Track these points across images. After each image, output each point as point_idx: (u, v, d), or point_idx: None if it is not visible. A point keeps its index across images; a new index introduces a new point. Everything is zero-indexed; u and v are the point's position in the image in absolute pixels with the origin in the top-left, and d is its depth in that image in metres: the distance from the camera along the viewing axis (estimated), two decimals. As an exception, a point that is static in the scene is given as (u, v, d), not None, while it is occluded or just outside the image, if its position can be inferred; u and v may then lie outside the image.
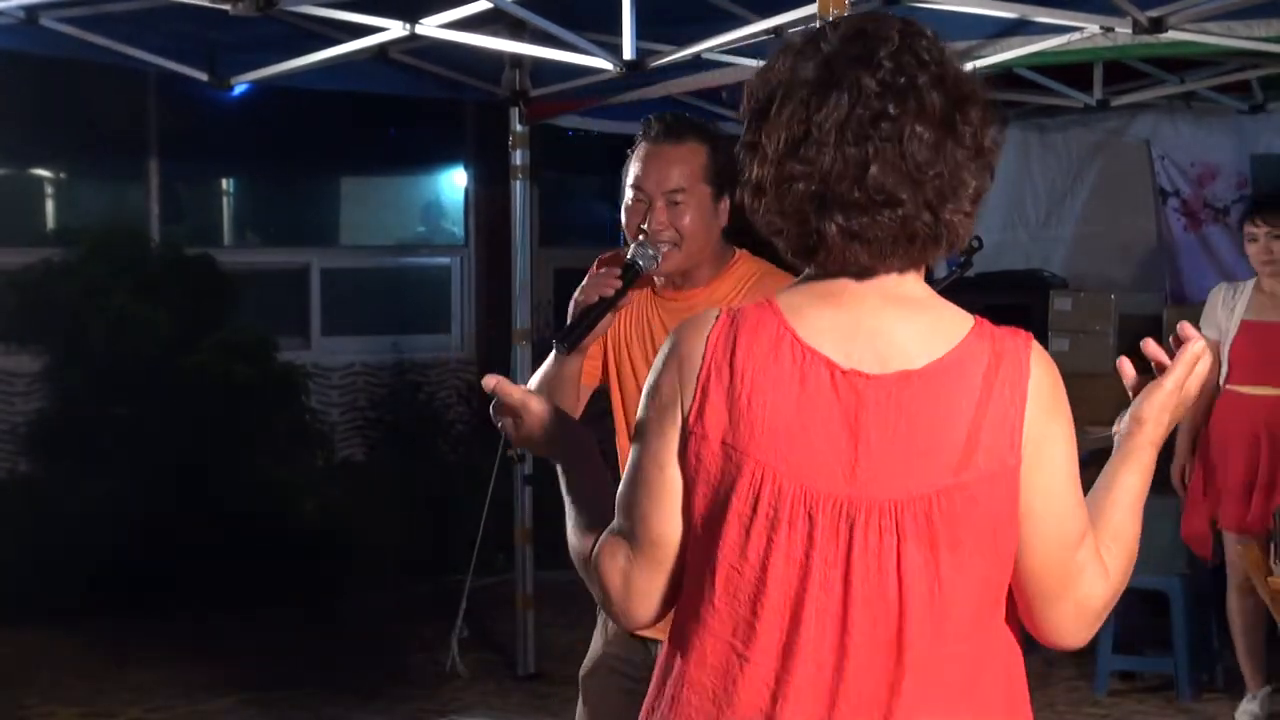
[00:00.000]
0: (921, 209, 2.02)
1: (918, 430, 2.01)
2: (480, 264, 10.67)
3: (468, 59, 7.00)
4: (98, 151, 9.75)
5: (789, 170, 2.01)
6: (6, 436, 8.91)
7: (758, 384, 2.03)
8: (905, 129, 1.99)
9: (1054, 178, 9.16)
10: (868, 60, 2.01)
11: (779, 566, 2.02)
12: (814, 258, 2.06)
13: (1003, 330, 2.07)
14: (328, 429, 9.61)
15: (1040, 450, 2.04)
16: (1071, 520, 2.06)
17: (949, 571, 2.00)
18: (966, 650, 2.04)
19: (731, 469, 2.03)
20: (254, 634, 7.90)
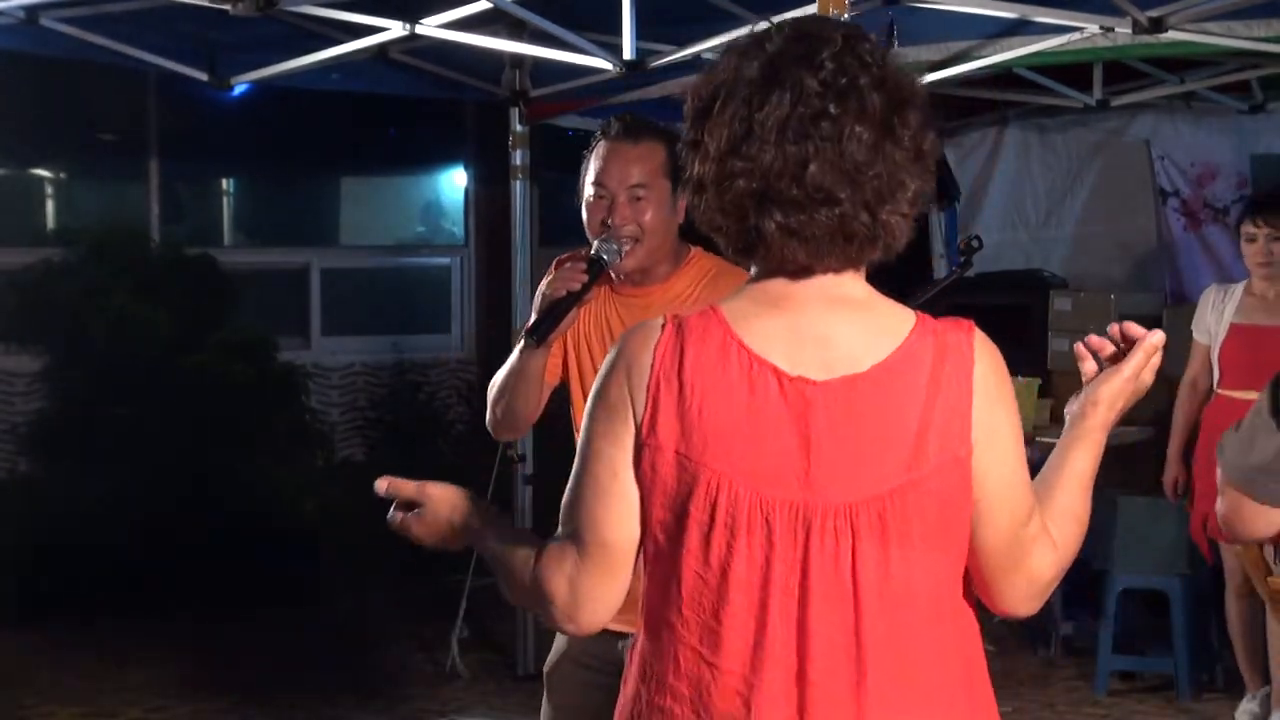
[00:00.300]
0: (859, 208, 2.05)
1: (867, 432, 2.05)
2: (480, 264, 10.67)
3: (468, 59, 7.00)
4: (98, 151, 9.75)
5: (730, 167, 2.05)
6: (6, 436, 8.91)
7: (707, 394, 2.06)
8: (845, 129, 2.02)
9: (1054, 178, 9.16)
10: (810, 60, 2.04)
11: (740, 573, 2.06)
12: (753, 255, 2.11)
13: (945, 323, 2.12)
14: (328, 429, 9.62)
15: (991, 437, 2.09)
16: (1022, 498, 2.13)
17: (900, 567, 2.06)
18: (926, 641, 2.09)
19: (688, 479, 2.06)
20: (254, 634, 7.90)
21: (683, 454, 2.06)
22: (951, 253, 8.87)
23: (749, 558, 2.05)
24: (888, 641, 2.06)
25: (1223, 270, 8.53)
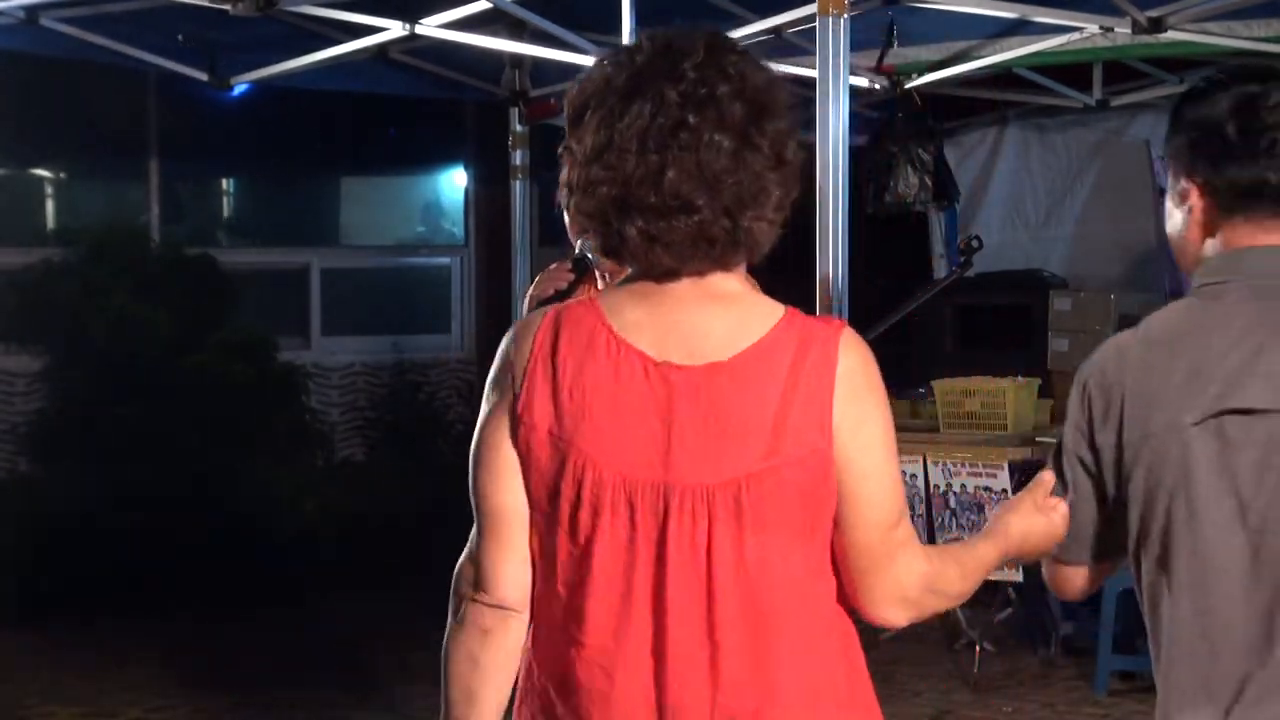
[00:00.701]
0: (719, 215, 2.11)
1: (726, 418, 2.11)
2: (480, 264, 10.67)
3: (468, 59, 7.00)
4: (98, 151, 9.75)
5: (593, 174, 2.12)
6: (6, 436, 8.91)
7: (577, 377, 2.15)
8: (703, 137, 2.09)
9: (1054, 178, 9.16)
10: (671, 72, 2.11)
11: (604, 551, 2.13)
12: (620, 258, 2.18)
13: (813, 320, 2.19)
14: (328, 429, 9.62)
15: (855, 433, 2.14)
16: (889, 499, 2.18)
17: (755, 551, 2.11)
18: (788, 630, 2.14)
19: (558, 458, 2.15)
20: (254, 634, 7.90)
21: (555, 434, 2.15)
22: (951, 253, 8.87)
23: (612, 536, 2.13)
24: (742, 623, 2.11)
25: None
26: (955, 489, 6.67)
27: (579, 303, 2.22)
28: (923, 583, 2.21)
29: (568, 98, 2.19)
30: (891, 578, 2.18)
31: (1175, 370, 2.23)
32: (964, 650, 7.22)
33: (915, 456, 6.73)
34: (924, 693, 6.80)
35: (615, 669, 2.13)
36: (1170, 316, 2.30)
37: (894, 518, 2.18)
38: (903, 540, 2.20)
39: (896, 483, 2.20)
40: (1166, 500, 2.22)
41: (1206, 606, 2.20)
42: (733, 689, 2.11)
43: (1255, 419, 2.17)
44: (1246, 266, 2.25)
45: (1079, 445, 2.35)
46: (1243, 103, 2.28)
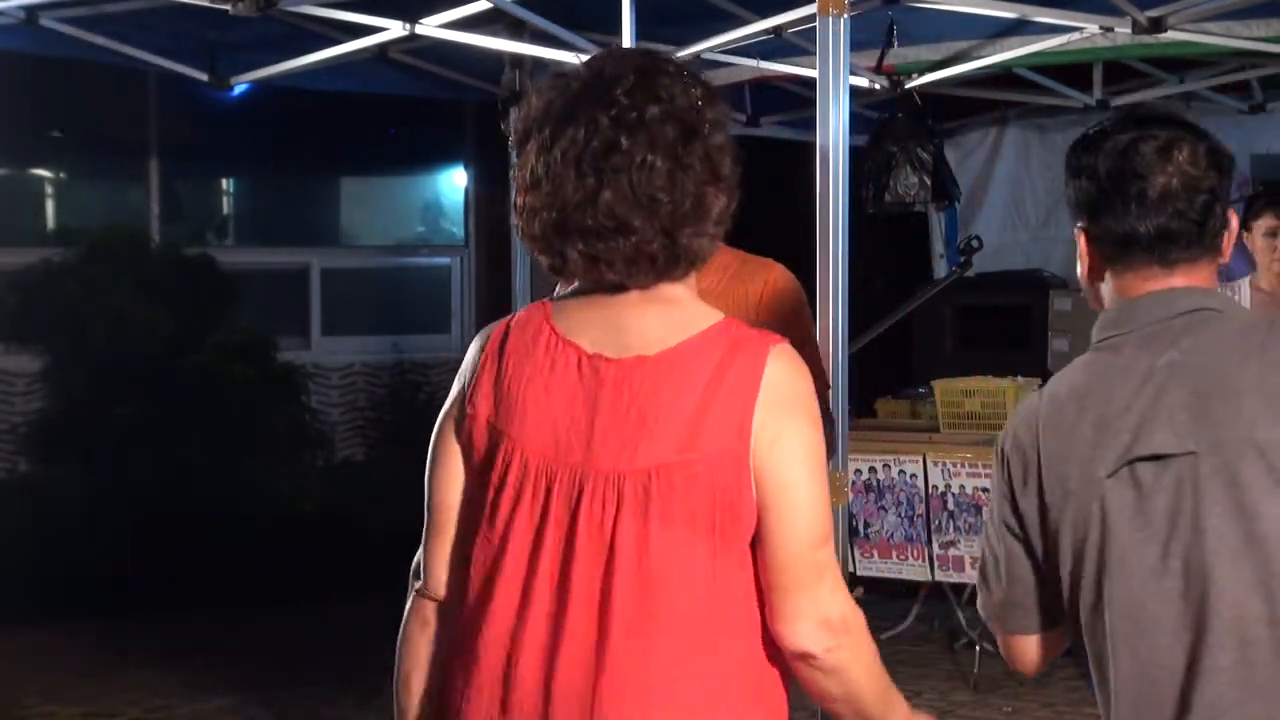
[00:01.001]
0: (656, 234, 2.17)
1: (645, 409, 2.17)
2: (480, 264, 10.67)
3: (468, 59, 7.00)
4: (98, 151, 9.75)
5: (533, 200, 2.20)
6: (6, 436, 8.91)
7: (518, 371, 2.24)
8: (635, 159, 2.15)
9: (1054, 178, 9.14)
10: (603, 97, 2.17)
11: (518, 533, 2.20)
12: (563, 275, 2.26)
13: (750, 330, 2.22)
14: (328, 429, 9.62)
15: (774, 444, 2.16)
16: (810, 517, 2.19)
17: (660, 544, 2.14)
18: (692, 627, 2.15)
19: (492, 447, 2.24)
20: (254, 634, 7.90)
21: (492, 423, 2.24)
22: (951, 253, 8.87)
23: (528, 518, 2.19)
24: (636, 611, 2.13)
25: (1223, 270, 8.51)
26: (954, 490, 6.67)
27: (533, 305, 2.31)
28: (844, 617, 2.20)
29: (513, 124, 2.30)
30: (812, 597, 2.18)
31: (1083, 425, 2.23)
32: (964, 650, 7.22)
33: (915, 456, 6.73)
34: (924, 693, 6.80)
35: (517, 650, 2.18)
36: (1073, 374, 2.31)
37: (816, 538, 2.19)
38: (828, 564, 2.21)
39: (819, 503, 2.19)
40: (1094, 554, 2.21)
41: (1145, 657, 2.18)
42: (617, 676, 2.13)
43: (1164, 464, 2.18)
44: (1138, 316, 2.26)
45: (1004, 512, 2.34)
46: (1115, 152, 2.30)
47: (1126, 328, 2.26)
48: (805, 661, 2.20)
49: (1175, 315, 2.24)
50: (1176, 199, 2.26)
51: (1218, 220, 2.28)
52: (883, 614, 7.70)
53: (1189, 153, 2.27)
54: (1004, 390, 6.98)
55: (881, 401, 7.54)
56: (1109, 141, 2.32)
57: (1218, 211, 2.27)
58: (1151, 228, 2.26)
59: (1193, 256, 2.28)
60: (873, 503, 6.78)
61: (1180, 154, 2.27)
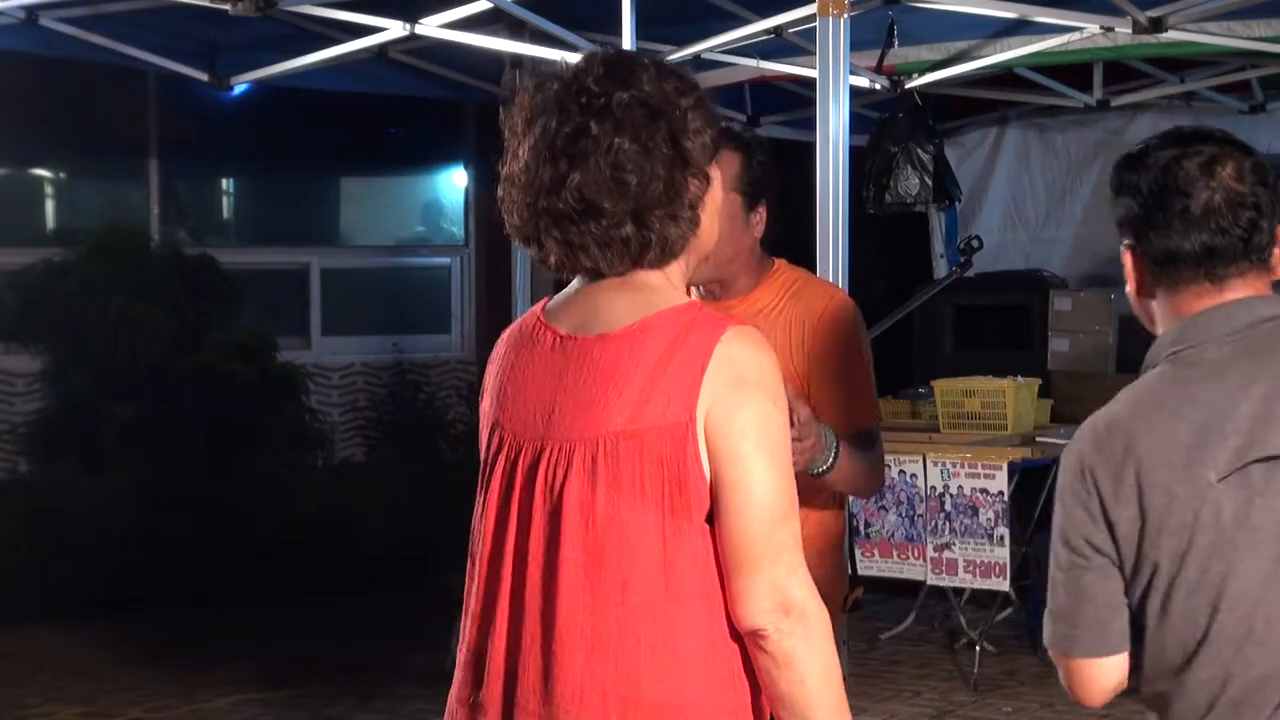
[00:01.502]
0: (626, 216, 2.22)
1: (600, 382, 2.22)
2: (480, 264, 10.66)
3: (468, 59, 7.00)
4: (98, 151, 9.74)
5: (512, 191, 2.28)
6: (6, 436, 8.91)
7: (508, 361, 2.35)
8: (604, 143, 2.20)
9: (1054, 178, 9.16)
10: (573, 87, 2.25)
11: (490, 509, 2.29)
12: (548, 264, 2.31)
13: (709, 314, 2.26)
14: (328, 429, 9.61)
15: (727, 420, 2.18)
16: (766, 493, 2.19)
17: (606, 509, 2.18)
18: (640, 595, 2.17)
19: (491, 437, 2.33)
20: (254, 634, 7.90)
21: (491, 414, 2.34)
22: (951, 253, 8.87)
23: (498, 492, 2.28)
24: (586, 577, 2.18)
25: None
26: (952, 490, 6.68)
27: (536, 305, 2.39)
28: (803, 603, 2.18)
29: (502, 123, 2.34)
30: (769, 577, 2.17)
31: (1179, 433, 2.21)
32: (964, 650, 7.22)
33: (915, 456, 6.74)
34: (924, 693, 6.80)
35: (487, 624, 2.27)
36: (1151, 385, 2.28)
37: (771, 515, 2.18)
38: (787, 545, 2.19)
39: (775, 480, 2.19)
40: (1200, 560, 2.19)
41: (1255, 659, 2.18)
42: (565, 637, 2.18)
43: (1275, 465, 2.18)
44: (1211, 328, 2.25)
45: (1088, 528, 2.26)
46: (1158, 168, 2.29)
47: (1199, 340, 2.25)
48: (756, 642, 2.18)
49: (1258, 322, 2.24)
50: (1220, 215, 2.24)
51: (1264, 235, 2.26)
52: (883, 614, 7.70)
53: (1233, 169, 2.26)
54: (1004, 390, 6.98)
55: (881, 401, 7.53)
56: (1151, 158, 2.32)
57: (1264, 227, 2.26)
58: (1196, 244, 2.25)
59: (1240, 270, 2.26)
60: (873, 503, 6.78)
61: (1224, 170, 2.26)
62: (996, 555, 6.63)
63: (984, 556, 6.65)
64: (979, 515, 6.63)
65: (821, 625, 2.21)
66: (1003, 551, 6.61)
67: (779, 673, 2.19)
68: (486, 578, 2.28)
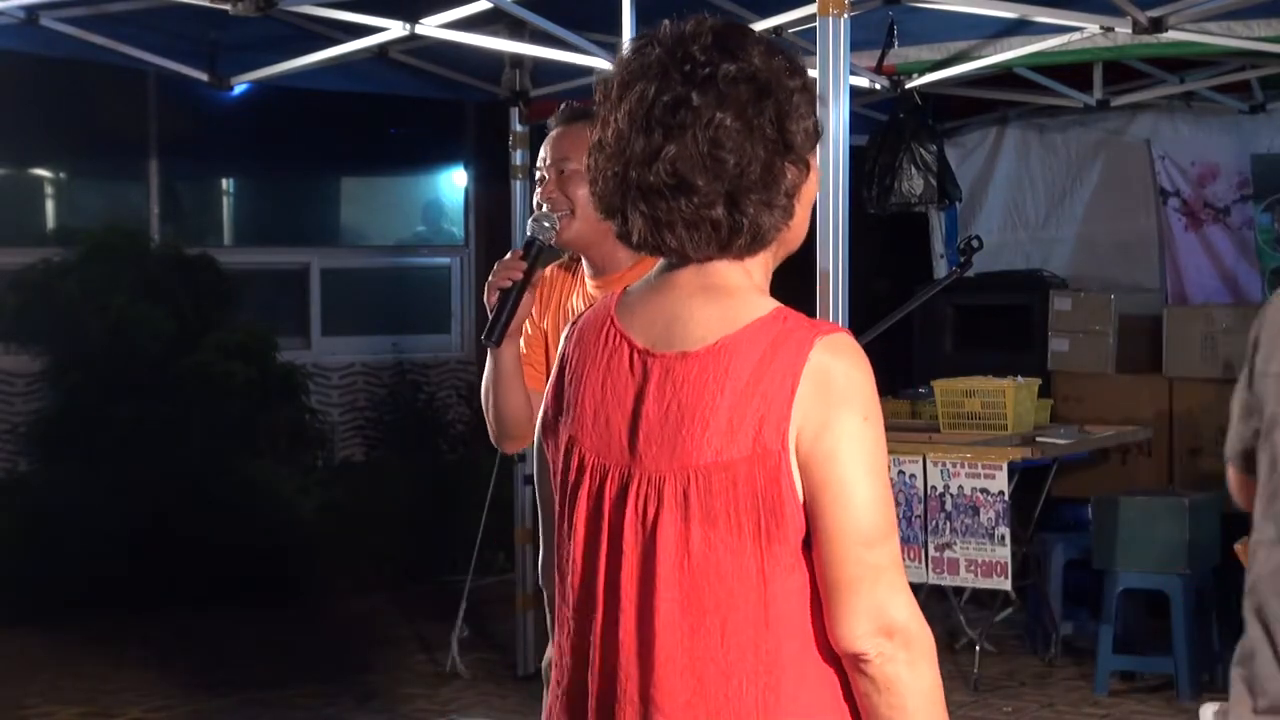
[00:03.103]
0: (719, 197, 2.08)
1: (686, 407, 2.10)
2: (480, 264, 10.66)
3: (468, 59, 7.00)
4: (98, 151, 9.74)
5: (603, 160, 2.13)
6: (6, 436, 8.91)
7: (579, 368, 2.21)
8: (704, 117, 2.06)
9: (1054, 178, 9.15)
10: (677, 53, 2.10)
11: (578, 532, 2.17)
12: (631, 243, 2.16)
13: (798, 321, 2.11)
14: (328, 429, 9.61)
15: (820, 435, 2.06)
16: (863, 516, 2.06)
17: (701, 545, 2.08)
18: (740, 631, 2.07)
19: (561, 448, 2.21)
20: (254, 634, 7.90)
21: (561, 421, 2.22)
22: (951, 253, 8.87)
23: (584, 518, 2.16)
24: (681, 615, 2.08)
25: (1223, 271, 8.53)
26: (952, 490, 6.68)
27: (606, 297, 2.25)
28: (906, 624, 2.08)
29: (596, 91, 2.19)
30: (870, 601, 2.06)
31: None
32: (964, 650, 7.22)
33: (915, 457, 6.74)
34: (924, 693, 6.79)
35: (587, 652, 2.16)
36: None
37: (870, 537, 2.06)
38: (885, 565, 2.07)
39: (872, 499, 2.07)
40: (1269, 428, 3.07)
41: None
42: (666, 682, 2.08)
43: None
44: None
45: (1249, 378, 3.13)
46: None
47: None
48: (857, 666, 2.09)
49: None
50: None
51: None
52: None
53: None
54: (1004, 390, 6.98)
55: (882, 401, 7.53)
56: None
57: None
58: None
59: None
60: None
61: None
62: (997, 555, 6.63)
63: (985, 556, 6.65)
64: (980, 515, 6.63)
65: (925, 648, 2.11)
66: (1004, 551, 6.61)
67: (879, 698, 2.10)
68: (577, 609, 2.17)
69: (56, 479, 8.46)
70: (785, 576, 2.09)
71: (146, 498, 8.24)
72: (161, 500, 8.25)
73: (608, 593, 2.13)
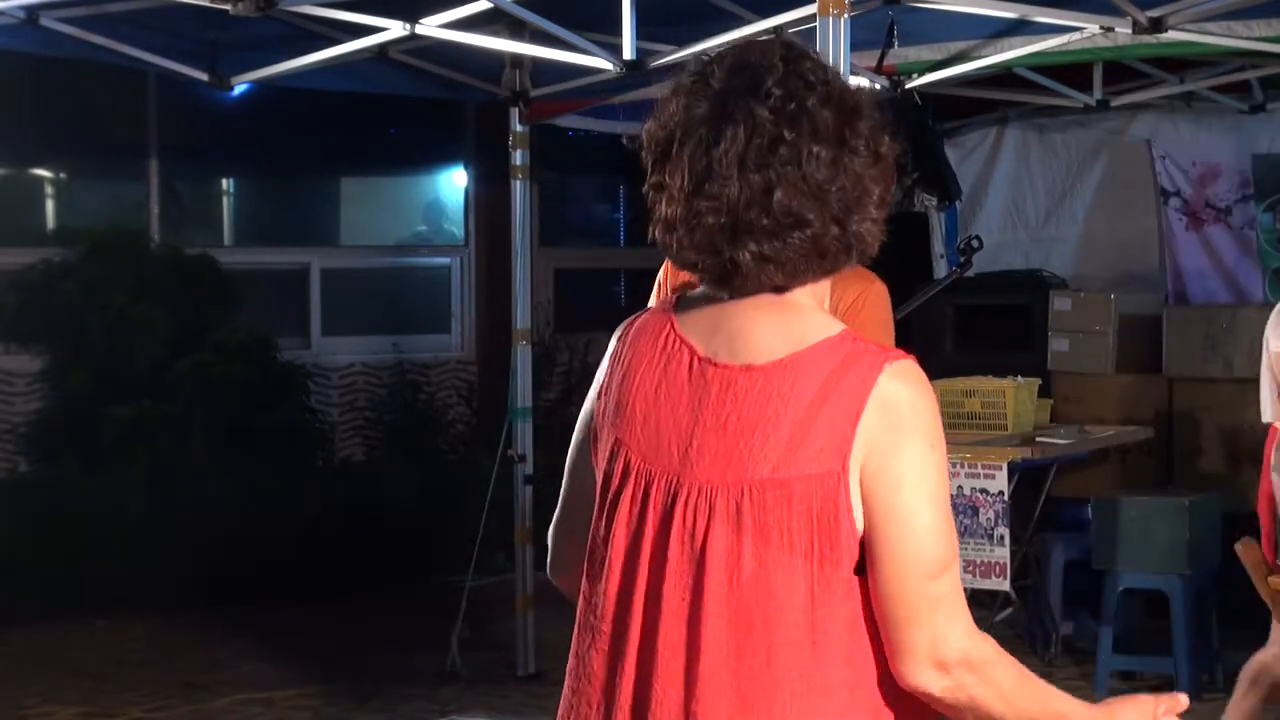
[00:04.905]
0: (829, 224, 2.09)
1: (746, 421, 2.09)
2: (480, 264, 10.67)
3: (468, 59, 7.00)
4: (98, 151, 9.75)
5: (696, 206, 2.09)
6: (6, 436, 8.91)
7: (634, 367, 2.19)
8: (803, 151, 2.07)
9: (1054, 178, 9.16)
10: (756, 90, 2.09)
11: (618, 538, 2.15)
12: (730, 284, 2.14)
13: (868, 345, 2.10)
14: (328, 429, 9.61)
15: (882, 467, 2.05)
16: (925, 546, 2.06)
17: (753, 562, 2.06)
18: (787, 652, 2.05)
19: (605, 444, 2.19)
20: (253, 634, 7.90)
21: (611, 421, 2.19)
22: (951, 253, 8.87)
23: (626, 523, 2.14)
24: (728, 631, 2.06)
25: (1224, 271, 8.53)
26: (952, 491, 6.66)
27: (662, 303, 2.25)
28: (964, 652, 2.08)
29: (646, 132, 2.16)
30: (927, 634, 2.06)
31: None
32: (964, 650, 7.22)
33: (915, 456, 6.72)
34: (924, 693, 6.80)
35: (616, 664, 2.12)
36: None
37: (931, 568, 2.06)
38: (945, 596, 2.07)
39: (934, 531, 2.06)
40: None
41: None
42: (708, 698, 2.06)
43: None
44: None
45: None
46: None
47: None
48: (929, 700, 2.10)
49: None
50: None
51: None
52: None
53: None
54: (1004, 390, 6.98)
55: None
56: None
57: None
58: None
59: None
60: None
61: None
62: (997, 555, 6.62)
63: (984, 556, 6.64)
64: (979, 515, 6.63)
65: (987, 661, 2.11)
66: (1003, 551, 6.61)
67: (962, 714, 2.12)
68: (613, 617, 2.14)
69: (56, 479, 8.47)
70: (837, 602, 2.07)
71: (146, 497, 8.24)
72: (160, 500, 8.24)
73: (649, 602, 2.11)
